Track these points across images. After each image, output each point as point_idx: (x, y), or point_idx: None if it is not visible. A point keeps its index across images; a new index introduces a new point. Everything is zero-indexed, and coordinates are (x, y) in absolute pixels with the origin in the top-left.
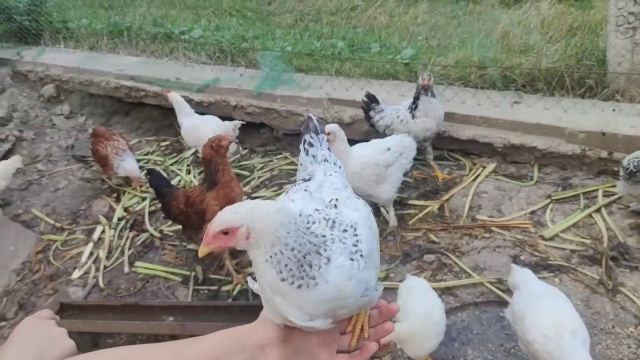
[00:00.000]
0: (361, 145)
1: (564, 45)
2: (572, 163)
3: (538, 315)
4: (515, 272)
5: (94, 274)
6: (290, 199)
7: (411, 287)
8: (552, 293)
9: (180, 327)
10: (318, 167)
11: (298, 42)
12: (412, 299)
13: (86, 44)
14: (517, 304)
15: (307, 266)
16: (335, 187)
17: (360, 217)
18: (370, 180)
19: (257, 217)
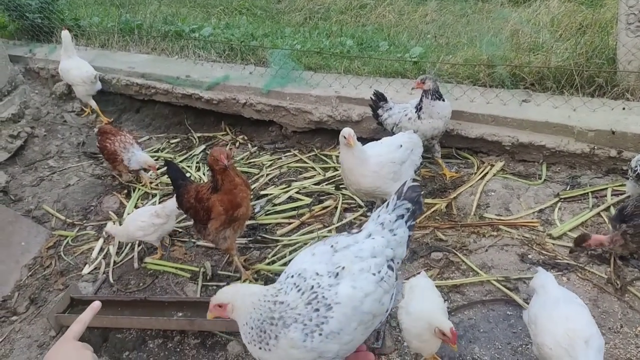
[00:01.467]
0: (374, 145)
1: (573, 44)
2: (581, 162)
3: (551, 320)
4: (536, 276)
5: (104, 269)
6: (312, 253)
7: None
8: (568, 299)
9: (189, 322)
10: (374, 226)
11: (307, 41)
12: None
13: (97, 41)
14: (532, 307)
15: (263, 334)
16: (359, 255)
17: (351, 296)
18: (388, 178)
19: (237, 297)
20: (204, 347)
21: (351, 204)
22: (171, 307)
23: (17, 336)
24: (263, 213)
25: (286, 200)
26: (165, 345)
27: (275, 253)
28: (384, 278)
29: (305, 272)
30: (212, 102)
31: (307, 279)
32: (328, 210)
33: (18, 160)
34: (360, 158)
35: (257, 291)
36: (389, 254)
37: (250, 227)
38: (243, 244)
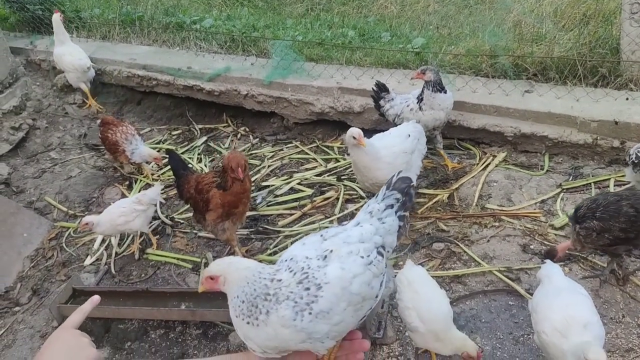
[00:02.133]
0: (381, 136)
1: (576, 34)
2: (584, 152)
3: (551, 308)
4: (543, 267)
5: (106, 260)
6: (303, 243)
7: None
8: (572, 289)
9: (190, 313)
10: (362, 215)
11: (309, 32)
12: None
13: (98, 33)
14: (536, 296)
15: (254, 308)
16: (347, 241)
17: (340, 277)
18: (402, 167)
19: (230, 270)
20: (206, 337)
21: (353, 194)
22: (173, 298)
23: (20, 327)
24: (265, 204)
25: (288, 192)
26: (167, 336)
27: (277, 244)
28: (373, 262)
29: (296, 256)
30: (214, 94)
31: (298, 261)
32: (330, 201)
33: (20, 152)
34: (372, 154)
35: (251, 266)
36: (378, 240)
37: (252, 218)
38: (245, 235)
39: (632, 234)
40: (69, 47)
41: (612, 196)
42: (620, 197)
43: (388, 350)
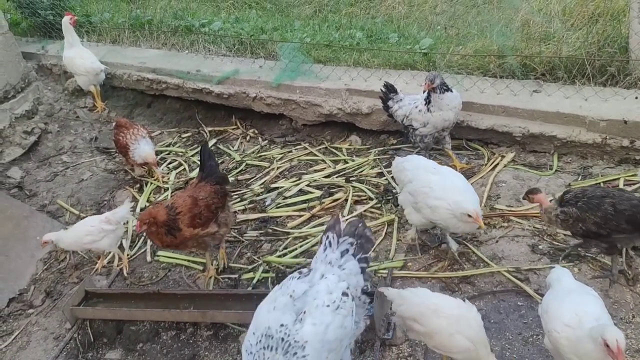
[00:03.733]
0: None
1: (585, 33)
2: (593, 152)
3: (562, 307)
4: (553, 271)
5: (118, 263)
6: (273, 307)
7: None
8: (582, 290)
9: (201, 314)
10: (324, 267)
11: (317, 33)
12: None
13: (108, 37)
14: (546, 298)
15: None
16: (316, 298)
17: (314, 332)
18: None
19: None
20: (217, 338)
21: (361, 196)
22: (184, 300)
23: (34, 329)
24: (274, 206)
25: (297, 193)
26: (179, 337)
27: (286, 245)
28: (340, 305)
29: (271, 329)
30: (223, 96)
31: (274, 334)
32: (338, 202)
33: (32, 155)
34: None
35: (246, 350)
36: (343, 286)
37: (261, 220)
38: (254, 237)
39: (604, 231)
40: (79, 50)
41: (600, 191)
42: (606, 194)
43: (397, 351)
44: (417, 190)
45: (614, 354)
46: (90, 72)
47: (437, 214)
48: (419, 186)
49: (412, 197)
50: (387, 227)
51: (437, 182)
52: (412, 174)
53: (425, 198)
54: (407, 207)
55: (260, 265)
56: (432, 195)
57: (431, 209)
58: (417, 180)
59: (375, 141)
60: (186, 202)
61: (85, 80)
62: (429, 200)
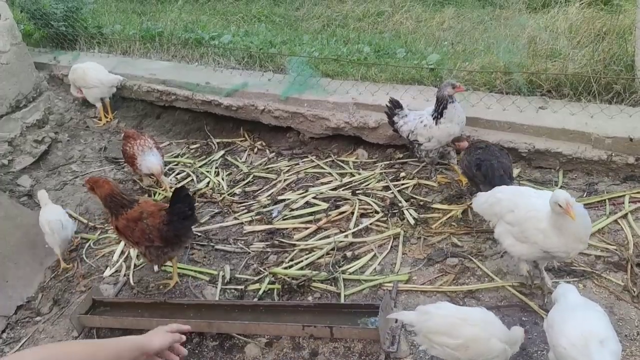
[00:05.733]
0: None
1: (591, 51)
2: (598, 169)
3: (567, 323)
4: (559, 287)
5: (125, 272)
6: None
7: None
8: (588, 306)
9: (207, 324)
10: None
11: (325, 48)
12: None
13: (119, 48)
14: (551, 314)
15: None
16: None
17: None
18: None
19: None
20: (222, 349)
21: (367, 209)
22: (190, 310)
23: (41, 336)
24: (280, 218)
25: (303, 205)
26: (184, 347)
27: (293, 257)
28: None
29: None
30: (231, 109)
31: None
32: (345, 215)
33: (42, 164)
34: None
35: None
36: None
37: (268, 231)
38: (261, 248)
39: (470, 173)
40: (88, 64)
41: (483, 144)
42: (485, 147)
43: None
44: (523, 217)
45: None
46: (106, 84)
47: (549, 239)
48: (523, 213)
49: (516, 228)
50: (393, 240)
51: (542, 204)
52: (511, 202)
53: (536, 223)
54: (508, 239)
55: (266, 277)
56: (541, 218)
57: (543, 233)
58: (520, 207)
59: (381, 155)
60: (137, 210)
61: (98, 93)
62: (539, 223)
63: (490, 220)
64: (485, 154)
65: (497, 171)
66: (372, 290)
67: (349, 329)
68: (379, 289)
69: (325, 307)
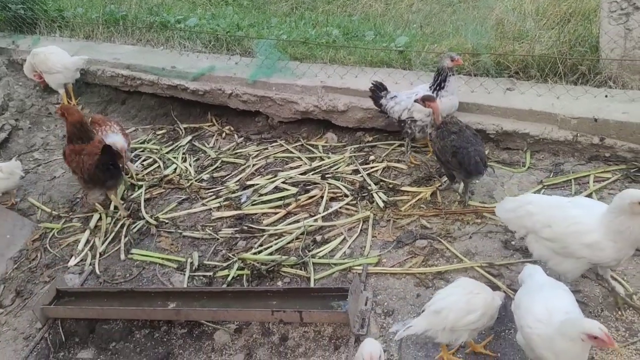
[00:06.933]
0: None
1: (557, 32)
2: (564, 149)
3: (533, 302)
4: (525, 268)
5: (91, 261)
6: None
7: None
8: (554, 285)
9: (175, 312)
10: None
11: (293, 31)
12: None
13: (81, 33)
14: (518, 294)
15: None
16: None
17: None
18: None
19: None
20: (191, 336)
21: (337, 193)
22: (158, 298)
23: (3, 329)
24: (249, 203)
25: (272, 190)
26: (152, 335)
27: (262, 243)
28: None
29: None
30: (198, 93)
31: None
32: (314, 199)
33: (2, 153)
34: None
35: None
36: None
37: (237, 217)
38: (229, 234)
39: (443, 158)
40: (52, 47)
41: (457, 127)
42: (458, 131)
43: None
44: (563, 232)
45: (605, 342)
46: (70, 68)
47: (599, 251)
48: (563, 228)
49: (556, 244)
50: (363, 223)
51: (583, 215)
52: (546, 216)
53: (579, 236)
54: (552, 258)
55: (235, 263)
56: (586, 230)
57: (590, 247)
58: (558, 221)
59: (351, 138)
60: (83, 146)
61: (62, 78)
62: (585, 236)
63: (518, 231)
64: (461, 140)
65: (472, 159)
66: (342, 274)
67: (318, 313)
68: (348, 272)
69: (295, 291)
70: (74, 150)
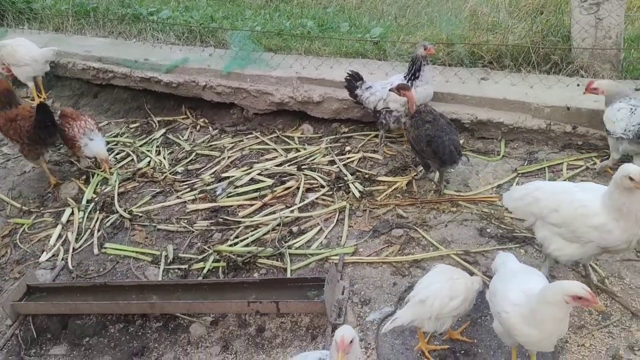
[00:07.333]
0: None
1: (530, 22)
2: (538, 138)
3: (509, 288)
4: (497, 256)
5: (63, 256)
6: None
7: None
8: (527, 270)
9: (149, 305)
10: None
11: (268, 22)
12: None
13: (51, 25)
14: (493, 282)
15: None
16: None
17: None
18: None
19: None
20: (166, 329)
21: (313, 184)
22: (132, 291)
23: None
24: (224, 195)
25: (248, 182)
26: (127, 330)
27: (238, 234)
28: None
29: None
30: (172, 85)
31: None
32: (290, 190)
33: None
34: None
35: None
36: None
37: (212, 209)
38: (204, 226)
39: (417, 147)
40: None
41: (431, 117)
42: (433, 120)
43: None
44: (571, 215)
45: (590, 301)
46: (39, 60)
47: (607, 234)
48: (571, 210)
49: (563, 228)
50: (339, 214)
51: (589, 199)
52: (553, 201)
53: (586, 219)
54: (556, 242)
55: (210, 255)
56: (592, 212)
57: (597, 229)
58: (565, 205)
59: (327, 129)
60: (14, 112)
61: (29, 71)
62: (592, 219)
63: (526, 219)
64: (435, 129)
65: (447, 148)
66: (318, 264)
67: (295, 303)
68: (325, 262)
69: (271, 282)
70: (8, 119)
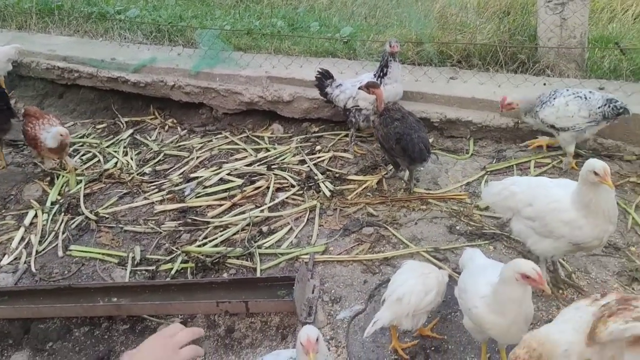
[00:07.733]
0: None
1: (498, 22)
2: (506, 136)
3: (478, 284)
4: (464, 252)
5: (26, 259)
6: None
7: None
8: (495, 266)
9: (115, 307)
10: None
11: (237, 22)
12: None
13: (14, 23)
14: (461, 280)
15: None
16: None
17: None
18: None
19: None
20: (134, 332)
21: (283, 183)
22: (97, 294)
23: None
24: (193, 196)
25: (217, 182)
26: (92, 333)
27: (207, 235)
28: None
29: None
30: (139, 85)
31: None
32: (260, 190)
33: None
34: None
35: None
36: None
37: (180, 210)
38: (172, 227)
39: (387, 145)
40: None
41: (400, 114)
42: (402, 117)
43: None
44: (543, 210)
45: (536, 282)
46: (1, 60)
47: (577, 230)
48: (544, 205)
49: (537, 222)
50: (309, 213)
51: (563, 194)
52: (528, 195)
53: (558, 214)
54: (530, 236)
55: (179, 256)
56: (564, 208)
57: (569, 224)
58: (539, 199)
59: (297, 129)
60: None
61: None
62: (563, 214)
63: (503, 214)
64: (404, 127)
65: (416, 145)
66: (289, 263)
67: (264, 302)
68: (295, 261)
69: (241, 282)
70: None
